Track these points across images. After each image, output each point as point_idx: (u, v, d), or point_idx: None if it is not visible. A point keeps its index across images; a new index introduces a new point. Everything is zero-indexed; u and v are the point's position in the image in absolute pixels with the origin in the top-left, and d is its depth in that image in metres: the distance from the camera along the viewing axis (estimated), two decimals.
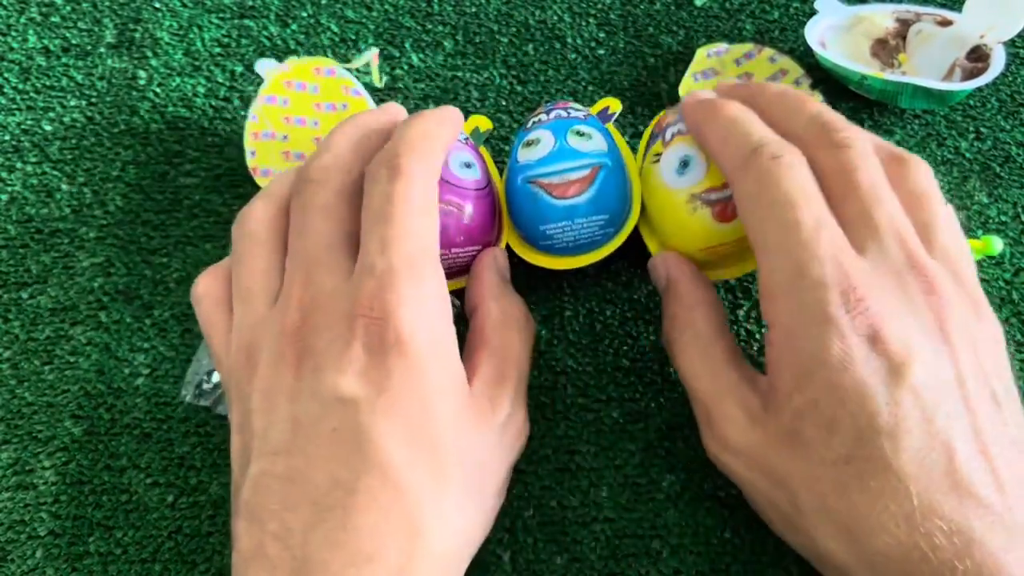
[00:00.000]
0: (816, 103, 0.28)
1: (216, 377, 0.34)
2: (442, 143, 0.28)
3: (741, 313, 0.35)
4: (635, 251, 0.34)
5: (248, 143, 0.37)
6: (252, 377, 0.25)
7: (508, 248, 0.33)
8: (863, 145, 0.26)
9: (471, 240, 0.31)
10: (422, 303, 0.24)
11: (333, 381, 0.23)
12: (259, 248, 0.27)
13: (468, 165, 0.31)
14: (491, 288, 0.30)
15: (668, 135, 0.31)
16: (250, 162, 0.37)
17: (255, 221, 0.28)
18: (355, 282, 0.24)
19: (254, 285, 0.27)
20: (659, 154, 0.31)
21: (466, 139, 0.33)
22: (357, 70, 0.41)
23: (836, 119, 0.27)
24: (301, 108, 0.38)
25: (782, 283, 0.24)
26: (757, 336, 0.35)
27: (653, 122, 0.34)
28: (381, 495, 0.22)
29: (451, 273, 0.31)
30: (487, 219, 0.32)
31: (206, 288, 0.28)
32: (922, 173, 0.26)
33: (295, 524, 0.22)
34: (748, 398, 0.26)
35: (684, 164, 0.30)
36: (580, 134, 0.31)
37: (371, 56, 0.41)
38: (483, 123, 0.37)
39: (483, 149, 0.35)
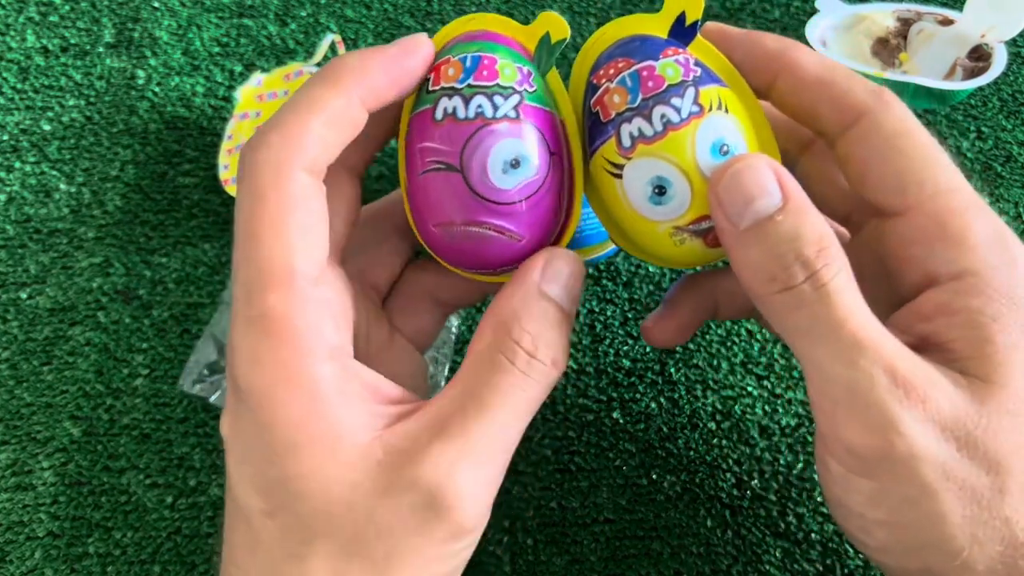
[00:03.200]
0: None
1: (213, 369, 0.34)
2: (338, 109, 0.21)
3: None
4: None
5: (222, 159, 0.37)
6: None
7: None
8: None
9: (528, 254, 0.23)
10: (258, 355, 0.20)
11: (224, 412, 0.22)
12: None
13: (516, 163, 0.22)
14: (515, 308, 0.22)
15: (626, 138, 0.22)
16: (222, 175, 0.37)
17: None
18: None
19: None
20: (617, 165, 0.22)
21: (527, 74, 0.23)
22: (326, 58, 0.40)
23: None
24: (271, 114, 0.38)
25: (981, 228, 0.20)
26: (759, 337, 0.35)
27: (585, 56, 0.24)
28: (247, 539, 0.21)
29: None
30: (548, 218, 0.23)
31: None
32: None
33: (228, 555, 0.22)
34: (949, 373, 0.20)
35: (660, 191, 0.22)
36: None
37: (329, 41, 0.40)
38: (556, 27, 0.23)
39: (553, 74, 0.24)
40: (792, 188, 0.20)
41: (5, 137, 0.40)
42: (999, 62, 0.38)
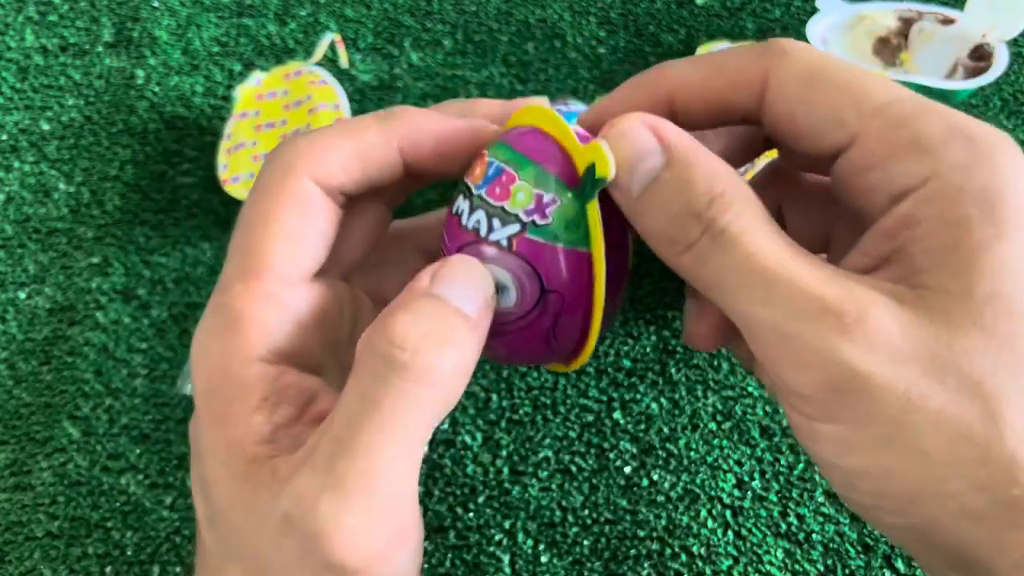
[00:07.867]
0: None
1: None
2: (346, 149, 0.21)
3: None
4: None
5: (221, 159, 0.37)
6: None
7: None
8: None
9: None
10: (209, 343, 0.20)
11: None
12: None
13: (499, 289, 0.21)
14: (395, 307, 0.19)
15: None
16: (221, 175, 0.37)
17: None
18: None
19: None
20: None
21: (547, 202, 0.20)
22: (326, 57, 0.41)
23: None
24: (271, 114, 0.38)
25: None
26: None
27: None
28: (200, 547, 0.21)
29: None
30: (533, 349, 0.22)
31: None
32: None
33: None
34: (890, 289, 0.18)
35: None
36: None
37: (328, 41, 0.40)
38: (601, 162, 0.19)
39: (592, 206, 0.20)
40: (673, 139, 0.19)
41: (4, 137, 0.40)
42: (1000, 62, 0.38)
